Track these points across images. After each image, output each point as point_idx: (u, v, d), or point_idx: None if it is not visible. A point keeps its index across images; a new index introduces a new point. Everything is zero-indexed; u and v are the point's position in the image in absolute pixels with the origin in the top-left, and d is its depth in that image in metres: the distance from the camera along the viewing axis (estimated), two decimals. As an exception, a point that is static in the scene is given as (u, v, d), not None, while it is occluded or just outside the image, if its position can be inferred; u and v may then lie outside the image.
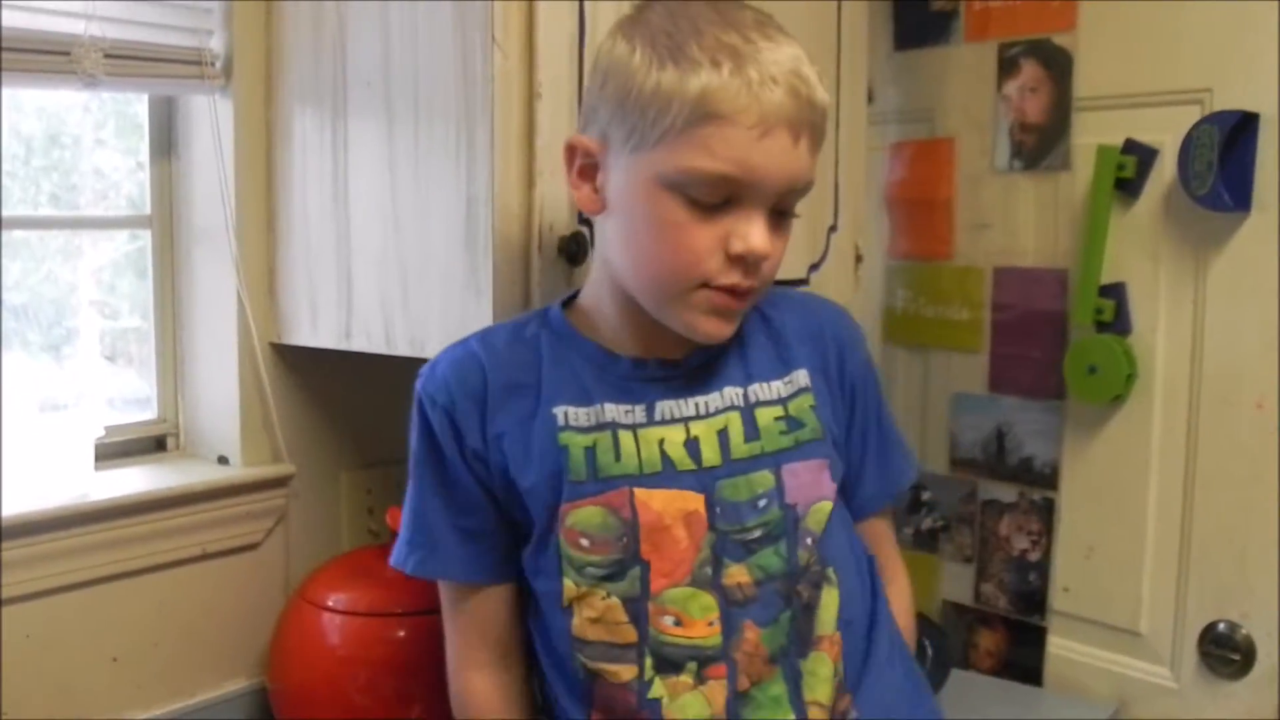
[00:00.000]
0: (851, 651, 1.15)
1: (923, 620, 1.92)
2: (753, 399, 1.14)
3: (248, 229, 1.50)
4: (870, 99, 1.90)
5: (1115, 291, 1.80)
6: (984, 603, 2.02)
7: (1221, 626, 1.74)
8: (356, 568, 1.48)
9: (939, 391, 2.06)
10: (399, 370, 1.42)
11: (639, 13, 1.07)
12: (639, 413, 1.11)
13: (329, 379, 1.59)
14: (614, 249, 1.10)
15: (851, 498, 1.23)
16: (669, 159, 1.01)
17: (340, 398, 1.61)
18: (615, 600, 1.09)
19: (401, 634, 1.39)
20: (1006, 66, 1.92)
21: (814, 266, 1.69)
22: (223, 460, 1.54)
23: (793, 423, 1.14)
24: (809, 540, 1.12)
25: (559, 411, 1.11)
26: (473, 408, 1.12)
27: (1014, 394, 1.96)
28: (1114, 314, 1.80)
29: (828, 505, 1.15)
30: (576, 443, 1.10)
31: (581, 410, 1.11)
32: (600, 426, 1.10)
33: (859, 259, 1.80)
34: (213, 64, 1.47)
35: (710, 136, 1.00)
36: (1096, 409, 1.85)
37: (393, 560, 1.18)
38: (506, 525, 1.15)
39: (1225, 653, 1.74)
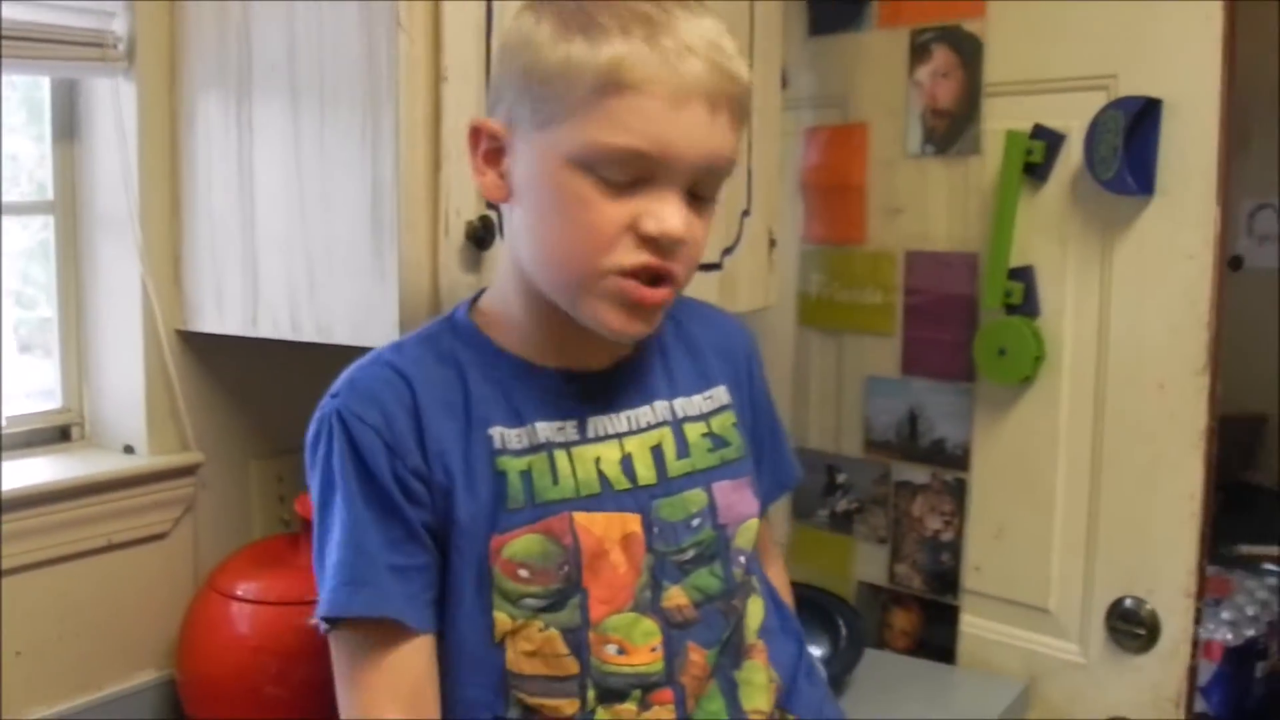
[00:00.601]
0: (776, 654, 1.16)
1: (837, 601, 1.95)
2: (680, 414, 1.11)
3: (152, 215, 1.47)
4: (784, 84, 1.92)
5: (1024, 275, 1.83)
6: (898, 583, 2.04)
7: (1127, 602, 1.78)
8: (266, 556, 1.47)
9: (853, 375, 2.08)
10: (308, 356, 1.40)
11: None
12: (571, 429, 1.06)
13: (237, 366, 1.57)
14: (521, 239, 1.04)
15: (768, 487, 1.24)
16: (576, 134, 0.95)
17: (249, 385, 1.59)
18: (554, 631, 1.03)
19: (313, 622, 1.37)
20: (918, 53, 1.94)
21: (727, 251, 1.69)
22: (129, 450, 1.52)
23: (718, 440, 1.12)
24: (741, 559, 1.12)
25: (494, 433, 1.04)
26: (408, 423, 1.01)
27: (926, 376, 1.98)
28: (1023, 297, 1.82)
29: (755, 523, 1.14)
30: (513, 467, 1.03)
31: (514, 431, 1.04)
32: (535, 448, 1.04)
33: (773, 244, 1.81)
34: (115, 46, 1.44)
35: (621, 108, 0.94)
36: (1006, 390, 1.87)
37: (327, 609, 1.01)
38: (437, 559, 1.03)
39: (1131, 628, 1.77)
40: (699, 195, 1.00)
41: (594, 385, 1.08)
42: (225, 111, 1.41)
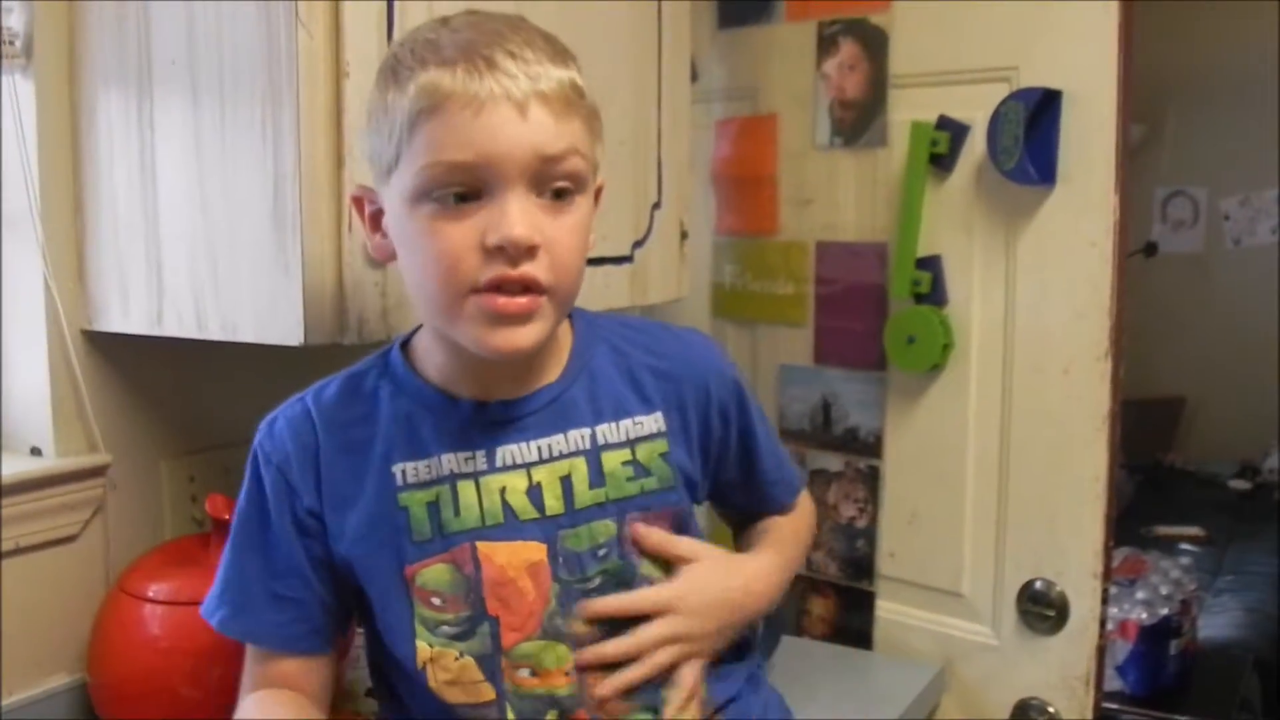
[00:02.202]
0: (713, 673, 1.16)
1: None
2: (600, 441, 1.11)
3: (53, 213, 1.45)
4: (695, 77, 1.93)
5: (931, 264, 1.85)
6: (814, 570, 2.06)
7: (1038, 585, 1.81)
8: (177, 557, 1.46)
9: (767, 364, 2.10)
10: (217, 354, 1.40)
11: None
12: (480, 459, 1.08)
13: (145, 365, 1.55)
14: (408, 286, 1.07)
15: (751, 505, 1.29)
16: (406, 171, 0.98)
17: (158, 384, 1.57)
18: (469, 659, 1.07)
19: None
20: (825, 45, 1.96)
21: (638, 243, 1.70)
22: (35, 452, 1.49)
23: (639, 469, 1.12)
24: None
25: (397, 470, 1.08)
26: (308, 465, 1.09)
27: (838, 365, 2.00)
28: (930, 286, 1.85)
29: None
30: (417, 500, 1.07)
31: (420, 464, 1.08)
32: (439, 480, 1.08)
33: (684, 235, 1.82)
34: (12, 43, 1.42)
35: (432, 131, 0.96)
36: (916, 378, 1.90)
37: (202, 610, 1.14)
38: (330, 596, 1.11)
39: (1041, 610, 1.81)
40: (554, 193, 1.00)
41: (507, 414, 1.10)
42: (126, 108, 1.39)
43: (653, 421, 1.14)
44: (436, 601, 1.07)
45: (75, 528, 1.49)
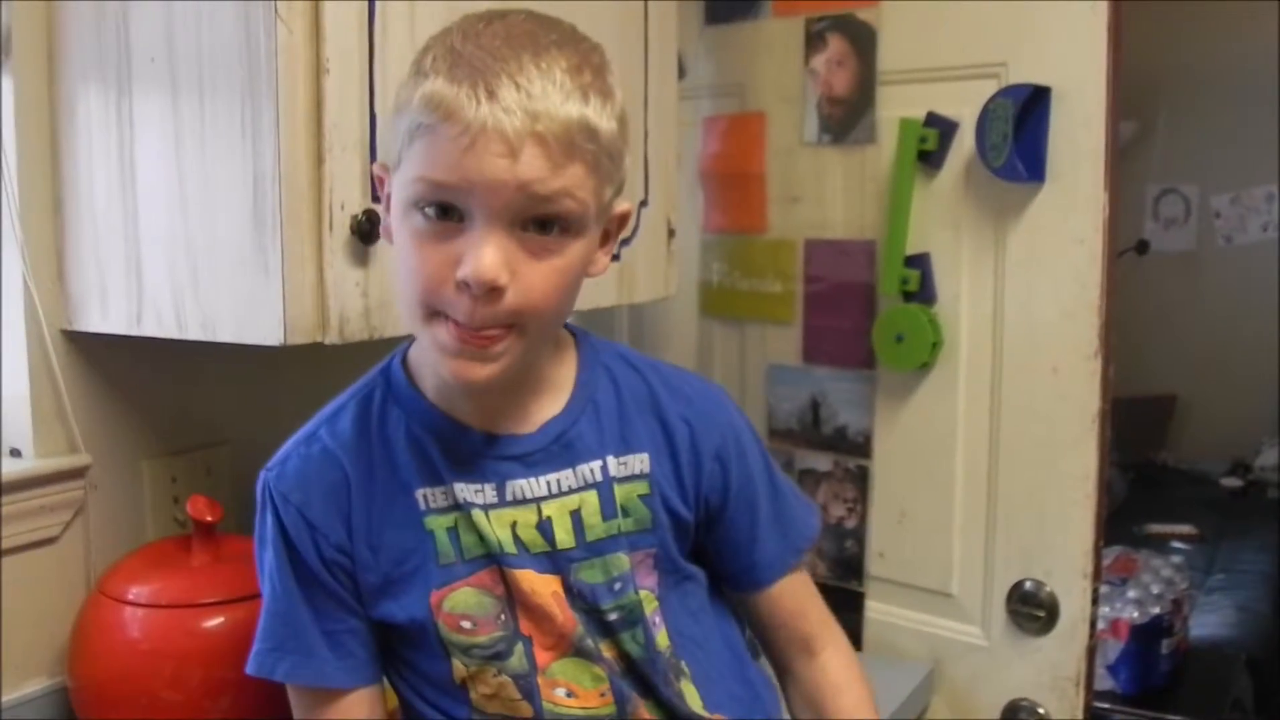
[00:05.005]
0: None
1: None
2: (612, 474, 1.11)
3: (32, 212, 1.44)
4: (682, 74, 1.92)
5: (920, 262, 1.84)
6: (804, 570, 2.05)
7: (1027, 585, 1.80)
8: (158, 559, 1.44)
9: (755, 363, 2.08)
10: (198, 354, 1.39)
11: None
12: (490, 492, 1.08)
13: (125, 365, 1.54)
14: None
15: (751, 567, 1.19)
16: (405, 175, 0.97)
17: (139, 384, 1.56)
18: (506, 678, 1.08)
19: (207, 624, 1.35)
20: (813, 41, 1.94)
21: (625, 242, 1.69)
22: (15, 453, 1.48)
23: (621, 510, 1.11)
24: (659, 625, 1.12)
25: (420, 495, 1.08)
26: (334, 503, 1.08)
27: (826, 364, 1.99)
28: (919, 284, 1.84)
29: (650, 596, 1.12)
30: (440, 525, 1.08)
31: (437, 490, 1.08)
32: (456, 507, 1.08)
33: (671, 233, 1.81)
34: (-10, 40, 1.41)
35: (427, 145, 0.94)
36: (905, 377, 1.89)
37: (254, 669, 1.11)
38: (370, 625, 1.11)
39: (1031, 610, 1.79)
40: (541, 234, 0.97)
41: (516, 449, 1.09)
42: (105, 105, 1.38)
43: (639, 461, 1.12)
44: (467, 625, 1.07)
45: (55, 529, 1.48)
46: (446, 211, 0.95)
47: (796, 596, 1.23)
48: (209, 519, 1.42)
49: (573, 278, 1.01)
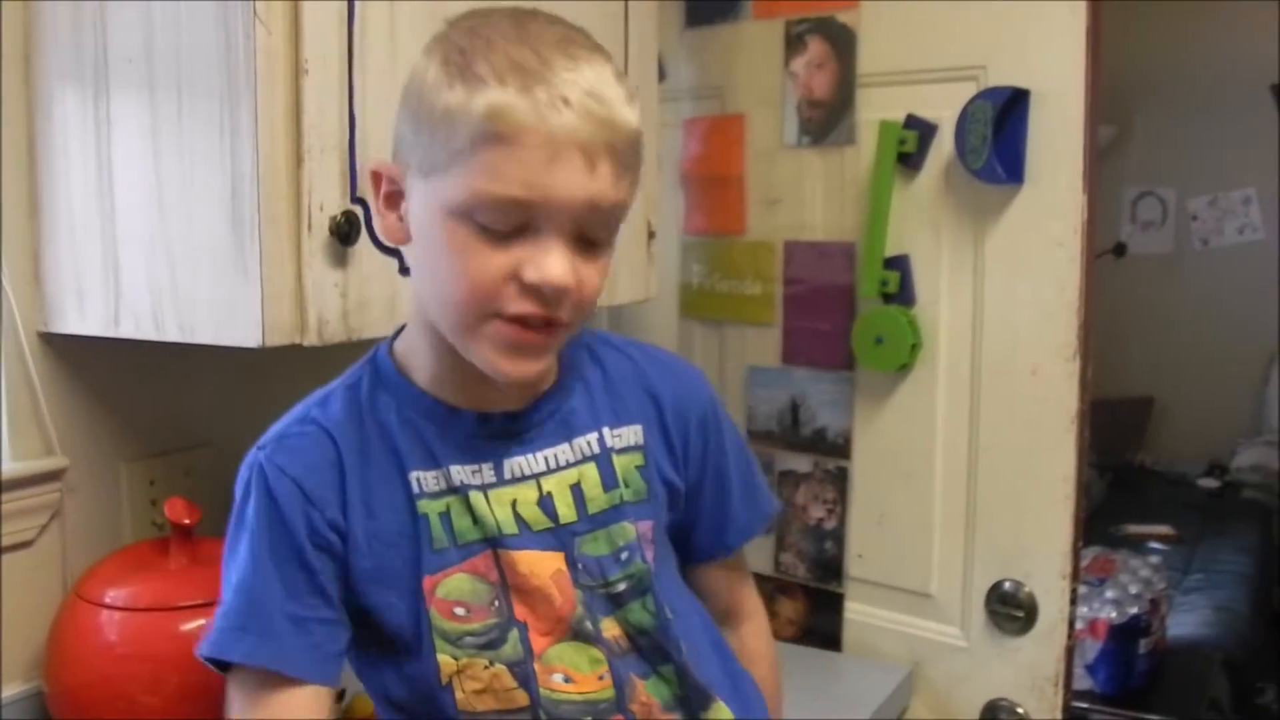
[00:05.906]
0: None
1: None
2: (609, 445, 1.12)
3: (9, 212, 1.43)
4: (662, 76, 1.92)
5: (899, 263, 1.85)
6: (783, 572, 2.05)
7: (1006, 586, 1.80)
8: (135, 562, 1.44)
9: (735, 365, 2.09)
10: (177, 356, 1.38)
11: (445, 28, 1.00)
12: (487, 472, 1.07)
13: (103, 367, 1.53)
14: (419, 281, 1.05)
15: (723, 529, 1.23)
16: (457, 184, 0.94)
17: (117, 386, 1.55)
18: (501, 667, 1.06)
19: (185, 628, 1.34)
20: (793, 43, 1.95)
21: (605, 244, 1.69)
22: (-10, 455, 1.47)
23: (623, 482, 1.12)
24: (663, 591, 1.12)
25: (414, 478, 1.06)
26: (329, 476, 1.05)
27: (806, 366, 1.99)
28: (898, 285, 1.84)
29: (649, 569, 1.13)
30: (433, 509, 1.06)
31: (430, 474, 1.06)
32: (450, 490, 1.06)
33: (651, 235, 1.81)
34: (-35, 40, 1.40)
35: (496, 159, 0.93)
36: (884, 379, 1.90)
37: (208, 649, 1.04)
38: (346, 619, 1.06)
39: (1010, 610, 1.80)
40: (590, 240, 0.98)
41: (511, 426, 1.09)
42: (83, 105, 1.37)
43: (633, 433, 1.14)
44: (460, 612, 1.05)
45: (31, 533, 1.47)
46: (516, 229, 0.95)
47: (740, 568, 1.29)
48: (187, 521, 1.41)
49: (607, 277, 1.04)
